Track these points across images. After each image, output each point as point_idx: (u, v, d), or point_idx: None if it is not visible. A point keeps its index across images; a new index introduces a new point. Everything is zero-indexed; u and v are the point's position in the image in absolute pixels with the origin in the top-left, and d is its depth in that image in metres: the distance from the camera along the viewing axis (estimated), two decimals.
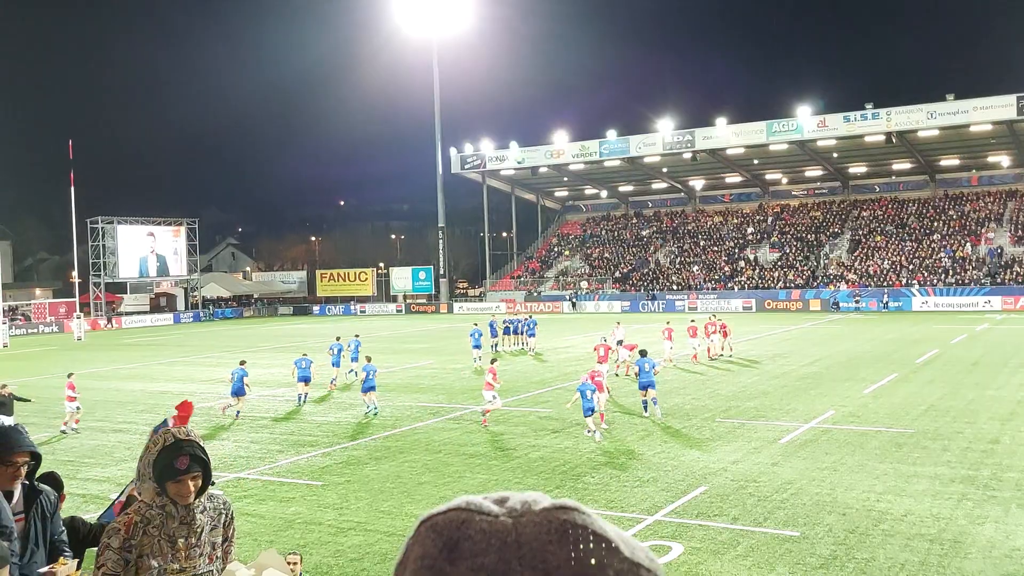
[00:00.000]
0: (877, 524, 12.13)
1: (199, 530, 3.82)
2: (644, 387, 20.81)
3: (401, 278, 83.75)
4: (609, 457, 16.73)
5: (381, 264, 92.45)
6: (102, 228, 73.03)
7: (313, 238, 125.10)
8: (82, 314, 62.20)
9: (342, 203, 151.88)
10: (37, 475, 4.91)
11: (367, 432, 20.16)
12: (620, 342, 32.70)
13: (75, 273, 72.83)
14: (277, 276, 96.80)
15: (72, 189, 66.21)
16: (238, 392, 22.76)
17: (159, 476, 3.70)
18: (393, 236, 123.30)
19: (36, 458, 4.71)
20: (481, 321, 39.27)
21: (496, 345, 37.49)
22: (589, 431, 18.37)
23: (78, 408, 21.56)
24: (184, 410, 4.61)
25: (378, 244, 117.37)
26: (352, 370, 29.69)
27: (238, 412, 22.74)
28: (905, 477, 14.56)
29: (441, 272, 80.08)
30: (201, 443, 3.81)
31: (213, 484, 3.92)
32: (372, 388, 22.50)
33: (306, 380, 24.79)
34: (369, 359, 24.10)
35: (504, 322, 40.06)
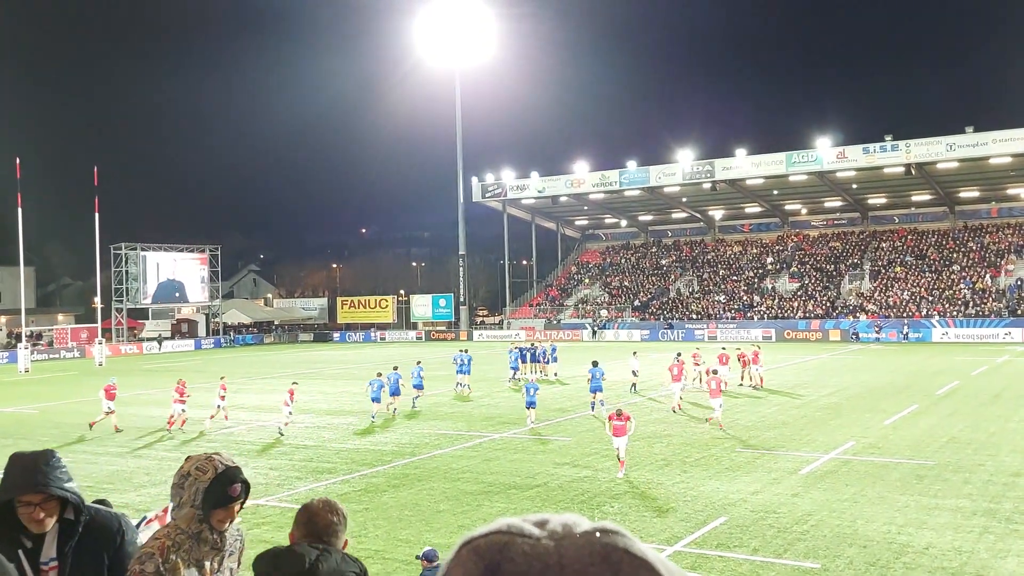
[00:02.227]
0: (898, 557, 12.06)
1: (222, 556, 3.87)
2: (594, 391, 26.71)
3: (421, 305, 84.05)
4: (629, 486, 16.72)
5: (402, 291, 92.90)
6: (125, 254, 73.93)
7: (334, 265, 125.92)
8: (103, 339, 62.82)
9: (363, 231, 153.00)
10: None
11: (385, 460, 20.24)
12: (635, 372, 32.86)
13: (98, 299, 73.64)
14: (298, 303, 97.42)
15: (97, 215, 67.18)
16: (395, 392, 27.19)
17: (212, 504, 3.68)
18: (414, 264, 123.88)
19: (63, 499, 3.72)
20: (480, 348, 39.33)
21: (515, 375, 37.50)
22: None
23: (183, 411, 24.78)
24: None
25: (399, 271, 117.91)
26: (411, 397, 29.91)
27: (395, 409, 27.03)
28: (926, 509, 14.47)
29: (461, 300, 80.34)
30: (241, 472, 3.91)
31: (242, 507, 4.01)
32: (396, 392, 27.04)
33: (376, 400, 26.70)
34: (396, 368, 28.49)
35: (521, 349, 40.06)
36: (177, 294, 77.35)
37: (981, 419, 23.55)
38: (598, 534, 0.84)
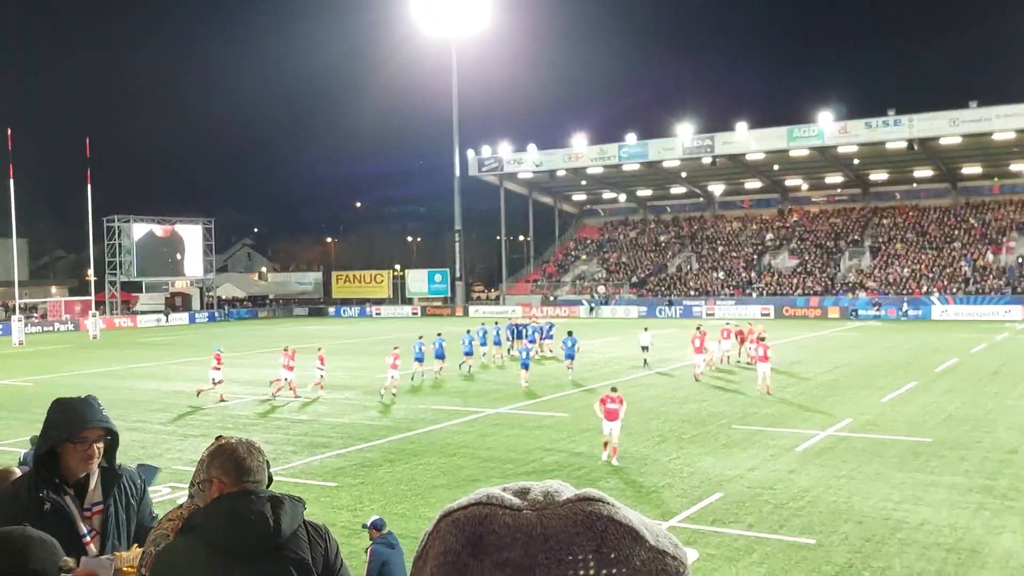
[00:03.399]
0: (894, 533, 12.00)
1: None
2: (568, 358, 29.90)
3: (417, 280, 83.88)
4: (625, 462, 16.65)
5: (397, 266, 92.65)
6: (118, 227, 73.60)
7: (329, 239, 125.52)
8: (97, 312, 62.66)
9: (358, 204, 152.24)
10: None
11: (381, 435, 20.16)
12: (645, 347, 32.75)
13: (91, 271, 73.42)
14: (292, 277, 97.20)
15: (89, 187, 66.74)
16: (439, 356, 29.79)
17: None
18: (409, 238, 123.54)
19: (112, 435, 3.94)
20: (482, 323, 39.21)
21: (510, 350, 37.38)
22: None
23: (287, 379, 25.66)
24: None
25: (394, 246, 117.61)
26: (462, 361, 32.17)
27: (437, 371, 29.86)
28: (922, 486, 14.41)
29: (457, 275, 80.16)
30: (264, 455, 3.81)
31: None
32: (441, 357, 30.10)
33: (419, 360, 29.77)
34: (421, 337, 31.23)
35: (517, 325, 39.85)
36: (173, 265, 77.07)
37: (979, 396, 23.49)
38: (581, 503, 0.83)
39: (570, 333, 31.11)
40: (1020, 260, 61.38)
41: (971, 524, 12.30)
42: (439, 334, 31.72)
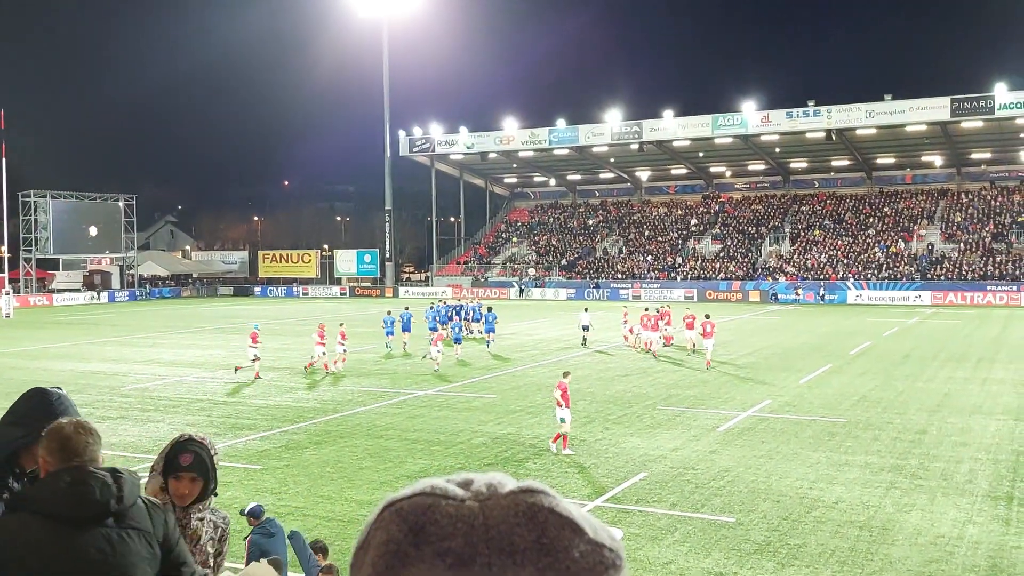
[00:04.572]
0: (809, 511, 12.45)
1: (195, 536, 3.81)
2: (488, 331, 32.71)
3: (346, 261, 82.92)
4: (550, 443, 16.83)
5: (325, 246, 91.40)
6: (34, 202, 70.72)
7: (256, 218, 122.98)
8: (11, 290, 60.24)
9: (286, 183, 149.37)
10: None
11: (307, 416, 19.96)
12: (585, 327, 33.09)
13: (4, 248, 70.43)
14: (217, 256, 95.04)
15: (3, 161, 63.95)
16: (406, 328, 32.12)
17: (164, 469, 3.76)
18: (338, 218, 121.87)
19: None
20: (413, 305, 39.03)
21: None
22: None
23: (323, 354, 26.49)
24: None
25: (323, 226, 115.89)
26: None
27: (405, 344, 31.42)
28: (837, 466, 14.96)
29: (387, 256, 79.52)
30: (212, 451, 3.83)
31: (215, 495, 3.91)
32: (407, 329, 32.51)
33: (390, 334, 31.76)
34: (389, 312, 33.39)
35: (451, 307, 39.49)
36: (89, 243, 74.50)
37: (891, 378, 24.44)
38: (523, 494, 0.84)
39: (489, 309, 33.78)
40: (930, 247, 63.92)
41: (882, 502, 12.83)
42: (407, 308, 34.98)
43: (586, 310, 35.19)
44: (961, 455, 15.61)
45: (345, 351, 27.20)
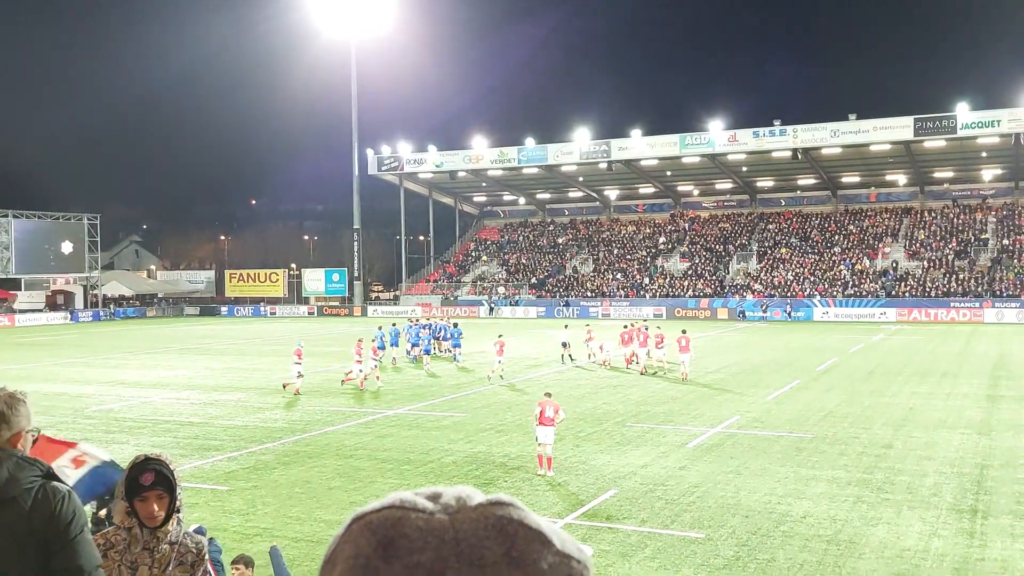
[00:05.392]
0: (778, 526, 12.53)
1: (164, 561, 3.72)
2: (455, 347, 34.07)
3: (314, 280, 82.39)
4: (522, 461, 16.81)
5: (293, 265, 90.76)
6: None
7: (222, 237, 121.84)
8: None
9: (253, 202, 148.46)
10: None
11: (275, 436, 19.75)
12: (565, 343, 33.37)
13: None
14: (183, 275, 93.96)
15: None
16: (394, 344, 34.11)
17: (127, 492, 3.69)
18: (306, 237, 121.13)
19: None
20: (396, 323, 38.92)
21: (407, 353, 36.92)
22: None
23: (361, 371, 26.84)
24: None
25: (290, 245, 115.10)
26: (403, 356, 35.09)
27: (395, 359, 33.34)
28: (804, 480, 15.08)
29: (356, 275, 79.15)
30: (171, 465, 3.78)
31: (179, 512, 3.83)
32: (395, 344, 34.56)
33: (383, 348, 31.70)
34: (380, 327, 35.28)
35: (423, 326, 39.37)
36: (52, 263, 73.35)
37: (856, 394, 24.72)
38: (492, 507, 0.84)
39: (455, 324, 35.63)
40: (894, 265, 64.93)
41: (849, 516, 12.95)
42: (394, 324, 37.85)
43: (566, 327, 35.54)
44: (926, 469, 15.81)
45: (375, 366, 27.90)
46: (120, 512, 3.74)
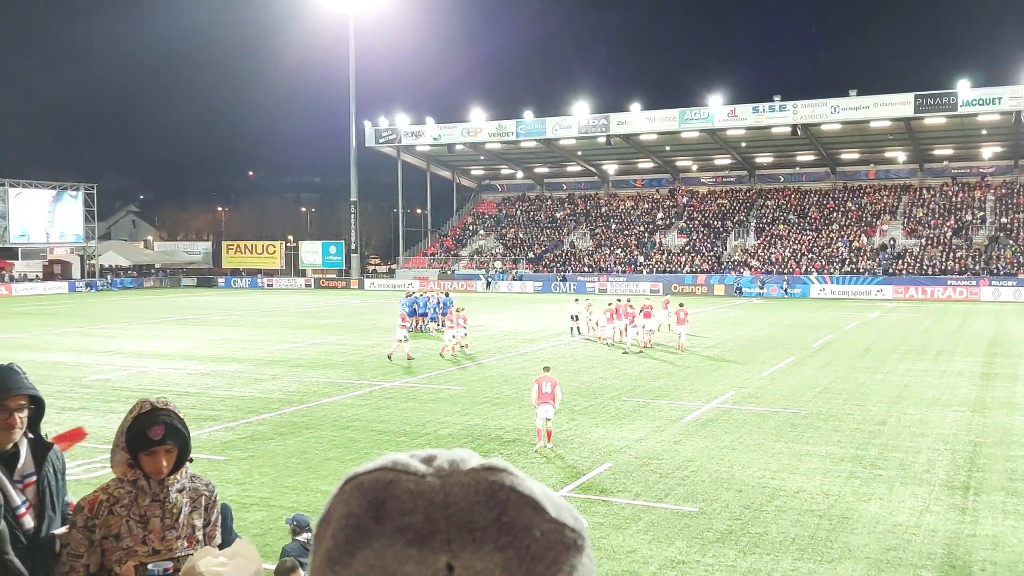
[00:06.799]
0: (771, 500, 12.62)
1: (175, 510, 3.56)
2: (444, 315, 33.26)
3: (311, 252, 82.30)
4: (518, 434, 16.90)
5: (290, 237, 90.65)
6: None
7: (220, 208, 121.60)
8: None
9: (251, 173, 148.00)
10: None
11: (272, 407, 19.82)
12: (574, 316, 33.82)
13: None
14: (180, 246, 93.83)
15: None
16: (423, 312, 35.04)
17: (131, 446, 3.47)
18: (304, 209, 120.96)
19: (37, 403, 3.86)
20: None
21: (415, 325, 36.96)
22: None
23: (454, 336, 28.02)
24: (71, 438, 4.36)
25: (288, 217, 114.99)
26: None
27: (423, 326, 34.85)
28: (798, 456, 15.18)
29: (353, 247, 79.04)
30: (180, 415, 3.58)
31: (191, 461, 3.66)
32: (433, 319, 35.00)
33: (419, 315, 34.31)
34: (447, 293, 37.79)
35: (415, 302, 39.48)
36: (51, 232, 73.19)
37: (852, 371, 24.82)
38: (485, 471, 0.83)
39: (447, 294, 37.32)
40: (892, 242, 64.94)
41: (842, 491, 13.05)
42: (410, 294, 38.52)
43: (576, 300, 36.27)
44: (919, 445, 15.91)
45: (465, 334, 28.80)
46: (121, 464, 3.54)
